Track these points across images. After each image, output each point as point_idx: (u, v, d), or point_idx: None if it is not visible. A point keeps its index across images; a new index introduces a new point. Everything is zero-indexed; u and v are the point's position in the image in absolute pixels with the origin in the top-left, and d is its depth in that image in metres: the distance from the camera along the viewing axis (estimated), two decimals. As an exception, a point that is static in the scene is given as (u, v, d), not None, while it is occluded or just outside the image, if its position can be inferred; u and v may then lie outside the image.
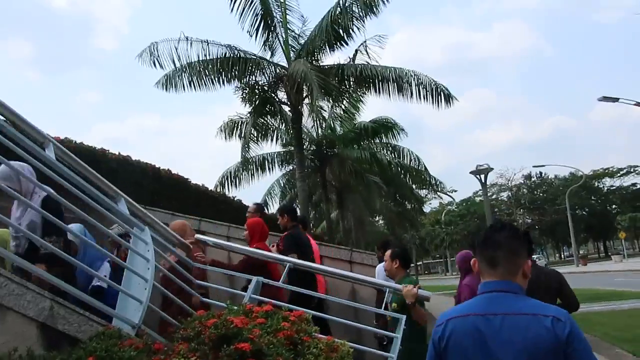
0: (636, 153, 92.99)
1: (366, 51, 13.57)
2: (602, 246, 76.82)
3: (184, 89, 13.15)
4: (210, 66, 12.99)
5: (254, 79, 13.64)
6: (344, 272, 5.39)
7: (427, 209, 50.57)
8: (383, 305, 4.66)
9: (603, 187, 68.43)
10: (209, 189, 12.26)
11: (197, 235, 5.43)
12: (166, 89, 13.16)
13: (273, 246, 5.98)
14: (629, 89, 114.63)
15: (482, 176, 19.40)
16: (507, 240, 1.96)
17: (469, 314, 1.93)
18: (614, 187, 67.35)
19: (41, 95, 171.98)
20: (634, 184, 64.20)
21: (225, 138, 15.26)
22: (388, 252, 5.00)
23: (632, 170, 63.31)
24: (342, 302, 5.13)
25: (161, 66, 12.98)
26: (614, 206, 67.47)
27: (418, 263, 65.15)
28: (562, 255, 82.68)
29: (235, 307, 4.00)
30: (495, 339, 1.83)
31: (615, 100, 24.29)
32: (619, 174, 65.40)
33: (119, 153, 9.30)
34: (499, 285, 1.92)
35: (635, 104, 24.25)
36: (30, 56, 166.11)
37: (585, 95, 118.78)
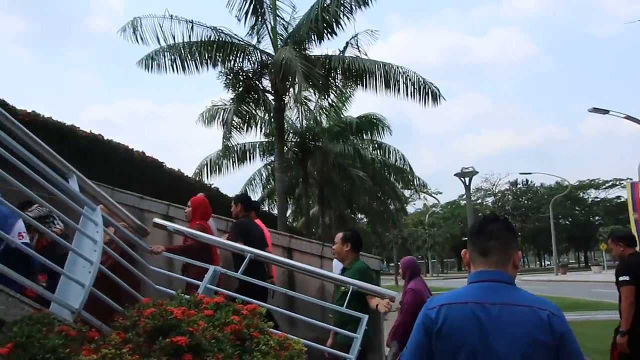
0: (623, 166, 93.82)
1: (357, 45, 13.33)
2: (583, 256, 77.43)
3: (166, 71, 12.72)
4: (194, 48, 12.59)
5: (238, 64, 13.26)
6: (300, 264, 5.14)
7: (411, 209, 50.63)
8: (346, 303, 4.43)
9: (588, 198, 68.89)
10: (185, 174, 11.99)
11: (155, 220, 5.19)
12: (148, 69, 12.71)
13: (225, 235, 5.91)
14: (620, 102, 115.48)
15: (467, 179, 19.34)
16: (500, 231, 2.00)
17: (467, 301, 1.91)
18: (599, 199, 67.75)
19: (33, 73, 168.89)
20: (619, 197, 64.56)
21: (206, 124, 14.92)
22: (340, 235, 4.83)
23: (617, 183, 63.68)
24: (288, 293, 4.91)
25: (144, 42, 12.51)
26: (597, 217, 67.81)
27: (399, 263, 64.98)
28: (543, 264, 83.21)
29: (187, 297, 3.78)
30: (493, 328, 1.83)
31: (606, 112, 24.20)
32: (604, 186, 65.84)
33: (90, 131, 9.00)
34: (492, 275, 1.94)
35: (625, 117, 24.23)
36: (23, 33, 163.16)
37: (577, 107, 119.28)
